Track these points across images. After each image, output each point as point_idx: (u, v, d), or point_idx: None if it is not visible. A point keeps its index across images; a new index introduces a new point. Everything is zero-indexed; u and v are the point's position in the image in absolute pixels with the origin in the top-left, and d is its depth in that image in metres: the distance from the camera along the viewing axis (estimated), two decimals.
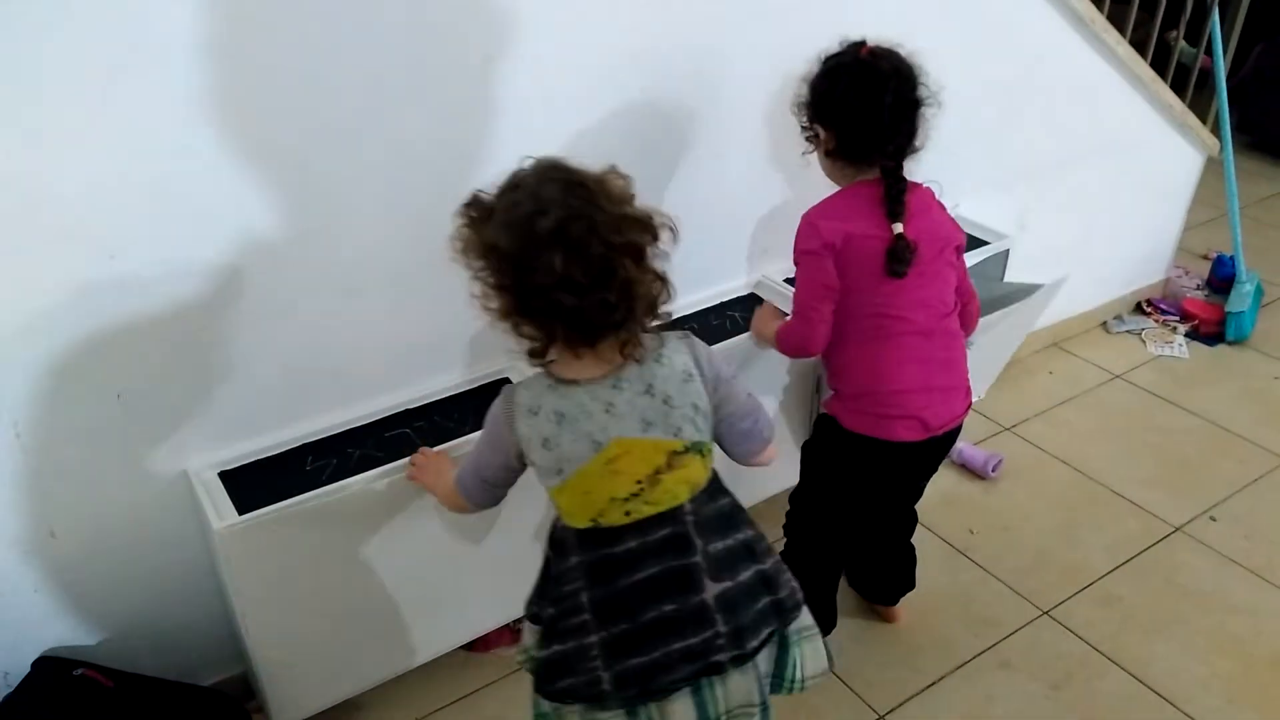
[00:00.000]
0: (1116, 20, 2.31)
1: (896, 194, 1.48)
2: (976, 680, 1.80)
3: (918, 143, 1.50)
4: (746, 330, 1.85)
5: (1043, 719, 1.73)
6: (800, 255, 1.53)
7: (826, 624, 1.79)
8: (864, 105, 1.46)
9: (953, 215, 1.62)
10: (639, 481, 1.18)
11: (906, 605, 1.93)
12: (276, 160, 1.37)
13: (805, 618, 1.32)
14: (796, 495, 1.76)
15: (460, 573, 1.65)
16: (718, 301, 1.98)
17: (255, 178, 1.35)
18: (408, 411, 1.63)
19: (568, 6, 1.52)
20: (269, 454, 1.53)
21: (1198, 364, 2.75)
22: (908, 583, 1.89)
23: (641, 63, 1.64)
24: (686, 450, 1.19)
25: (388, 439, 1.57)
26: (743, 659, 1.22)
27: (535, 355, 1.16)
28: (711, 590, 1.21)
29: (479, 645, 1.82)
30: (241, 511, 1.40)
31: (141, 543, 1.51)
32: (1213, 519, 2.18)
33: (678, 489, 1.20)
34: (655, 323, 1.18)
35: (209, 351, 1.43)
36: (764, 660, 1.28)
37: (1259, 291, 2.88)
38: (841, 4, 1.83)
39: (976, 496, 2.23)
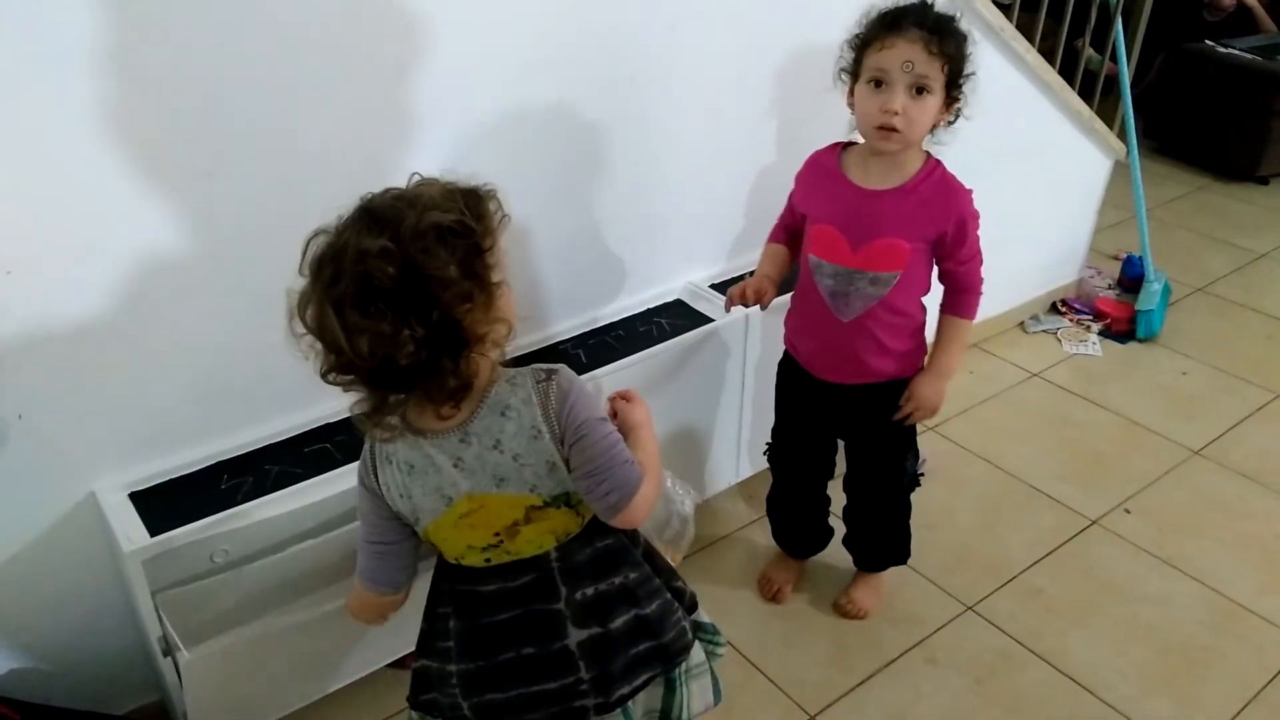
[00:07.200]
0: (1025, 29, 2.38)
1: None
2: (904, 677, 1.83)
3: None
4: (673, 336, 1.86)
5: (968, 712, 1.76)
6: (975, 222, 1.59)
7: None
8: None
9: None
10: (496, 534, 1.14)
11: (831, 605, 1.98)
12: (180, 172, 1.33)
13: (695, 655, 1.29)
14: (912, 458, 1.82)
15: None
16: (644, 308, 1.98)
17: (158, 190, 1.32)
18: (328, 426, 1.60)
19: (481, 11, 1.50)
20: (182, 473, 1.49)
21: (1110, 361, 2.84)
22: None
23: (559, 68, 1.64)
24: (547, 504, 1.14)
25: (307, 454, 1.54)
26: (607, 707, 1.20)
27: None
28: (576, 636, 1.18)
29: (408, 661, 1.79)
30: (153, 534, 1.35)
31: (48, 568, 1.46)
32: (1127, 511, 2.24)
33: (541, 539, 1.16)
34: (457, 384, 1.03)
35: (115, 369, 1.39)
36: (645, 700, 1.25)
37: (1166, 290, 2.99)
38: (761, 18, 1.85)
39: None
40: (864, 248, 1.57)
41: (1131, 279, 3.08)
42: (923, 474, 1.82)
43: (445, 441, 1.10)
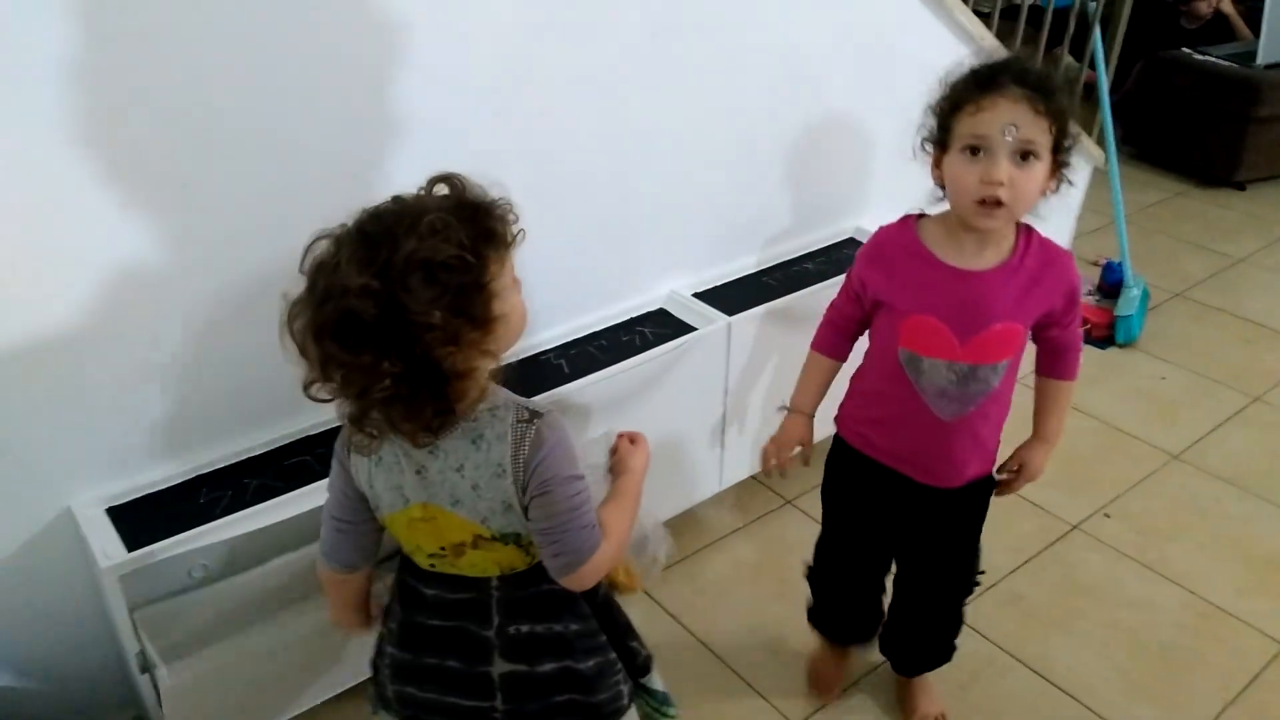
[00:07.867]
0: (1004, 37, 2.39)
1: None
2: (888, 685, 1.83)
3: None
4: (656, 345, 1.86)
5: (951, 719, 1.77)
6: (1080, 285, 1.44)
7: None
8: None
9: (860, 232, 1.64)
10: (442, 546, 1.14)
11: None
12: (157, 183, 1.32)
13: None
14: (977, 558, 1.64)
15: None
16: (627, 317, 1.98)
17: (135, 201, 1.31)
18: (308, 438, 1.59)
19: (463, 18, 1.50)
20: (160, 487, 1.48)
21: (1090, 366, 2.85)
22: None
23: (541, 78, 1.64)
24: (495, 538, 1.12)
25: (286, 468, 1.53)
26: None
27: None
28: (500, 668, 1.18)
29: None
30: (131, 549, 1.34)
31: (24, 585, 1.44)
32: (1107, 516, 2.26)
33: (485, 565, 1.15)
34: (437, 414, 1.02)
35: (91, 382, 1.37)
36: None
37: (1145, 295, 3.01)
38: (741, 25, 1.85)
39: None
40: (974, 338, 1.36)
41: (1111, 284, 3.10)
42: (983, 571, 1.65)
43: (413, 449, 1.09)
